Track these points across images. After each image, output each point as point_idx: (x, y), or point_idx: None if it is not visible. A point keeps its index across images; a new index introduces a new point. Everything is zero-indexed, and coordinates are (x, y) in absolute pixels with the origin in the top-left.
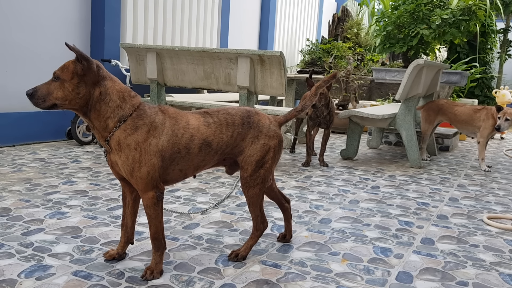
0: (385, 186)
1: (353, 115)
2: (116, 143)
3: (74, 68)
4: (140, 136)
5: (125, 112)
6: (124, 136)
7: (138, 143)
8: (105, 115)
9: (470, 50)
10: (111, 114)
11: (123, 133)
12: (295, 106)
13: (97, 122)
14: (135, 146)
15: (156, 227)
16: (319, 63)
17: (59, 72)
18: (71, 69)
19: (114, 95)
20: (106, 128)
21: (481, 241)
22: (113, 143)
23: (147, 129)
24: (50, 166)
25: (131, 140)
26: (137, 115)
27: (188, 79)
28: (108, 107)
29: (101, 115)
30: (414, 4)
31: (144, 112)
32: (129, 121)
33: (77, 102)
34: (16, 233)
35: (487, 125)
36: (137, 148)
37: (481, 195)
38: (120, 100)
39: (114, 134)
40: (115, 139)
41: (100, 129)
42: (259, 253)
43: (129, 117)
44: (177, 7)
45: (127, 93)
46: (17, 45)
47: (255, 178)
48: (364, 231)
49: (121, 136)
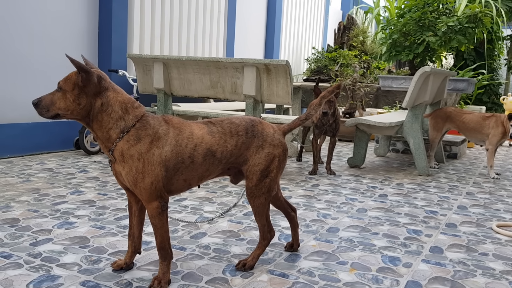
0: (393, 194)
1: (360, 123)
2: (120, 154)
3: (76, 79)
4: (143, 146)
5: (127, 123)
6: (127, 147)
7: (141, 153)
8: (107, 126)
9: (477, 57)
10: (114, 125)
11: (126, 144)
12: (300, 115)
13: (100, 133)
14: (138, 157)
15: (162, 236)
16: (325, 71)
17: (62, 83)
18: (73, 80)
19: (116, 106)
20: (109, 138)
21: (490, 250)
22: (116, 153)
23: (150, 140)
24: (58, 176)
25: (134, 151)
26: (140, 126)
27: (194, 89)
28: (110, 118)
29: (103, 126)
30: (420, 12)
31: (148, 123)
32: (132, 132)
33: (79, 113)
34: (24, 244)
35: (496, 133)
36: (140, 158)
37: (490, 203)
38: (122, 111)
39: (118, 145)
40: (119, 150)
41: (103, 140)
42: (267, 263)
43: (132, 128)
44: (183, 18)
45: (130, 104)
46: (25, 57)
47: (261, 188)
48: (372, 240)
49: (124, 147)
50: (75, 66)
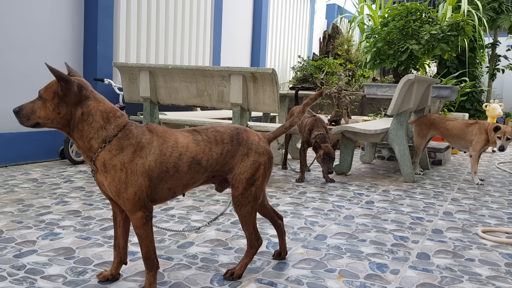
0: (379, 201)
1: (346, 131)
2: (102, 164)
3: (56, 88)
4: (126, 156)
5: (109, 133)
6: (110, 157)
7: (123, 163)
8: (88, 136)
9: (460, 65)
10: (95, 135)
11: (108, 154)
12: (285, 122)
13: (81, 142)
14: (121, 167)
15: (147, 247)
16: (311, 79)
17: (42, 91)
18: (53, 89)
19: (97, 116)
20: (90, 148)
21: (476, 255)
22: (98, 163)
23: (133, 150)
24: (43, 187)
25: (117, 161)
26: (122, 135)
27: (181, 97)
28: (91, 128)
29: (84, 135)
30: (404, 21)
31: (130, 132)
32: (114, 142)
33: (59, 122)
34: (8, 255)
35: (480, 139)
36: (123, 169)
37: (475, 209)
38: (103, 121)
39: (100, 155)
40: (101, 160)
41: (85, 149)
42: (255, 271)
43: (114, 137)
44: (169, 26)
45: (112, 113)
46: (8, 66)
47: (247, 196)
48: (359, 247)
49: (106, 157)
50: (54, 75)
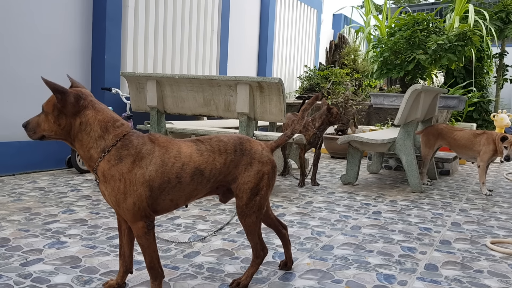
0: (386, 211)
1: (353, 140)
2: (102, 173)
3: (54, 100)
4: (125, 166)
5: (108, 143)
6: (108, 167)
7: (122, 174)
8: (87, 145)
9: (467, 75)
10: (94, 144)
11: (107, 164)
12: (286, 131)
13: (82, 152)
14: (120, 177)
15: (150, 256)
16: (318, 89)
17: (44, 105)
18: (52, 102)
19: (95, 125)
20: (91, 158)
21: (485, 267)
22: (99, 173)
23: (132, 160)
24: (50, 195)
25: (115, 171)
26: (122, 145)
27: (188, 106)
28: (90, 137)
29: (83, 145)
30: (410, 31)
31: (130, 142)
32: (113, 152)
33: (61, 133)
34: (14, 264)
35: (488, 150)
36: (121, 179)
37: (484, 220)
38: (102, 130)
39: (99, 164)
40: (100, 169)
41: (86, 159)
42: (261, 282)
43: (113, 147)
44: (176, 36)
45: (111, 123)
46: (18, 76)
47: (251, 206)
48: (367, 257)
49: (105, 167)
50: (49, 87)
